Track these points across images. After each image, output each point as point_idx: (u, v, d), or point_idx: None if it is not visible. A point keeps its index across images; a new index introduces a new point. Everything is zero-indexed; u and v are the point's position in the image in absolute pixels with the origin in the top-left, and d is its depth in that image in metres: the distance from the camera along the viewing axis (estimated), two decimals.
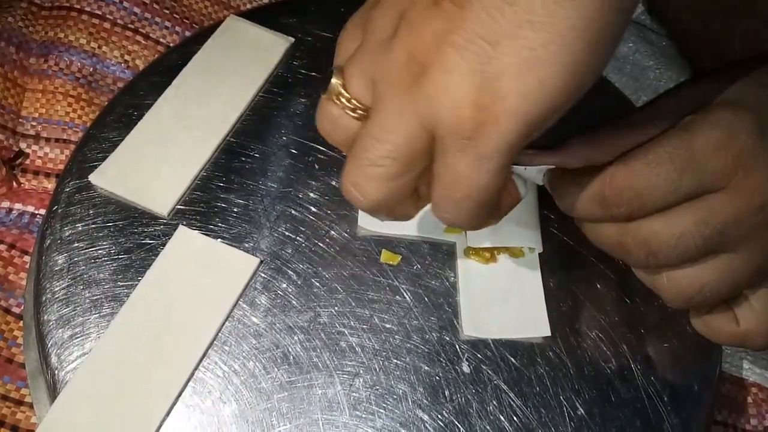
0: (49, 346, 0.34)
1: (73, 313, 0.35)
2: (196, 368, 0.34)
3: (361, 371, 0.34)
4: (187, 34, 0.49)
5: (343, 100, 0.26)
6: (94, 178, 0.38)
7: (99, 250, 0.36)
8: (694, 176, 0.29)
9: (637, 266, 0.33)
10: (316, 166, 0.40)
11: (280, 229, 0.38)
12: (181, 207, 0.38)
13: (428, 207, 0.39)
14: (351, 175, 0.26)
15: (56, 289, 0.35)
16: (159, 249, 0.36)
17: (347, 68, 0.26)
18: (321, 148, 0.41)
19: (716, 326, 0.34)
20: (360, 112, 0.26)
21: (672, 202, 0.29)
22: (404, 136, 0.25)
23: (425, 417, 0.34)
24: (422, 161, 0.26)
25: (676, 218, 0.30)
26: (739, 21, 0.43)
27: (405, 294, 0.37)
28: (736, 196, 0.29)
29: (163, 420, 0.32)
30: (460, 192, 0.25)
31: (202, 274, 0.36)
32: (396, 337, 0.35)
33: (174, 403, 0.33)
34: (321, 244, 0.38)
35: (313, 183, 0.39)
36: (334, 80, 0.26)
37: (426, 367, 0.35)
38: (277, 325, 0.35)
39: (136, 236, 0.37)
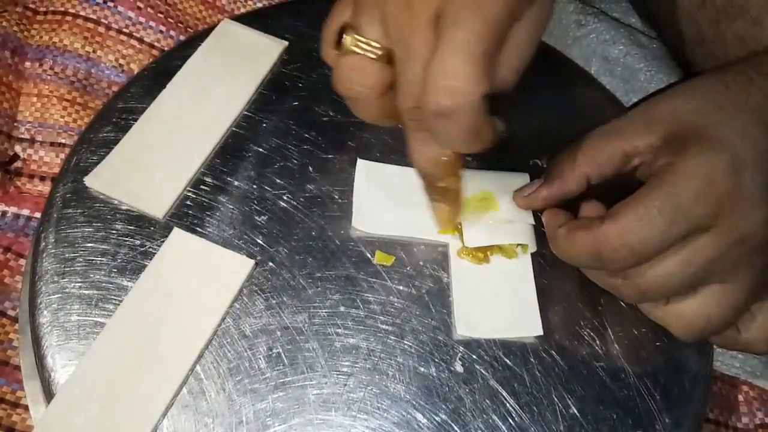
0: (44, 348, 0.34)
1: (68, 315, 0.35)
2: (191, 369, 0.34)
3: (356, 371, 0.35)
4: (182, 38, 0.49)
5: (363, 45, 0.29)
6: (89, 181, 0.38)
7: (94, 252, 0.36)
8: (682, 225, 0.31)
9: (632, 303, 0.37)
10: (310, 169, 0.40)
11: (274, 231, 0.38)
12: (176, 209, 0.38)
13: (419, 209, 0.40)
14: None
15: (51, 292, 0.35)
16: (154, 251, 0.37)
17: (356, 21, 0.29)
18: (315, 150, 0.41)
19: (721, 335, 0.36)
20: (380, 53, 0.29)
21: (662, 250, 0.32)
22: None
23: (419, 416, 0.34)
24: None
25: (663, 262, 0.32)
26: (730, 22, 0.43)
27: (399, 295, 0.37)
28: (718, 235, 0.31)
29: (159, 421, 0.32)
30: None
31: (198, 276, 0.36)
32: (390, 337, 0.36)
33: (169, 405, 0.33)
34: (315, 246, 0.38)
35: (308, 185, 0.40)
36: (348, 36, 0.29)
37: (420, 367, 0.35)
38: (272, 326, 0.35)
39: (132, 239, 0.37)
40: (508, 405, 0.35)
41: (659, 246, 0.31)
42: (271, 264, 0.37)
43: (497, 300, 0.37)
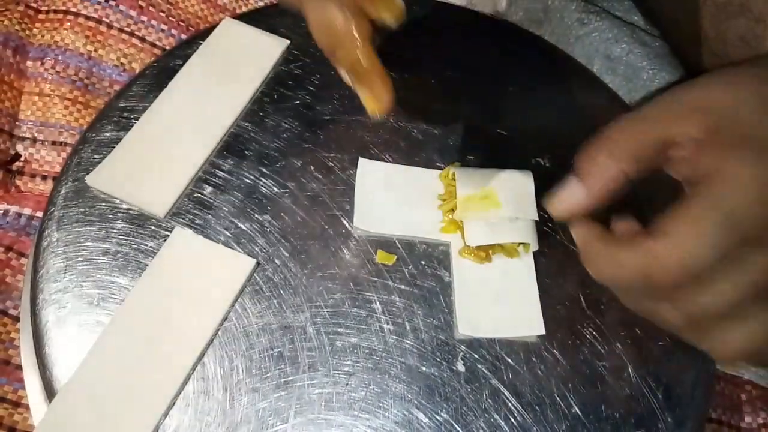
0: (46, 347, 0.34)
1: (69, 314, 0.35)
2: (193, 369, 0.34)
3: (357, 371, 0.35)
4: (183, 37, 0.49)
5: None
6: (90, 179, 0.38)
7: (96, 251, 0.36)
8: (737, 239, 0.27)
9: (678, 332, 0.32)
10: (312, 167, 0.40)
11: (276, 230, 0.38)
12: (178, 208, 0.38)
13: (421, 208, 0.40)
14: None
15: (53, 291, 0.35)
16: (155, 250, 0.37)
17: None
18: (316, 149, 0.41)
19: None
20: None
21: (717, 269, 0.28)
22: None
23: (421, 416, 0.34)
24: None
25: (716, 282, 0.28)
26: (732, 20, 0.43)
27: (400, 294, 0.37)
28: None
29: (161, 420, 0.32)
30: None
31: (199, 275, 0.36)
32: (392, 336, 0.36)
33: (171, 404, 0.33)
34: (317, 245, 0.38)
35: (309, 184, 0.40)
36: None
37: (422, 367, 0.35)
38: (274, 325, 0.35)
39: (133, 237, 0.37)
40: (510, 404, 0.34)
41: (715, 264, 0.28)
42: (272, 263, 0.37)
43: (499, 299, 0.37)
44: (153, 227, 0.37)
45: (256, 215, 0.38)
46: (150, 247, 0.37)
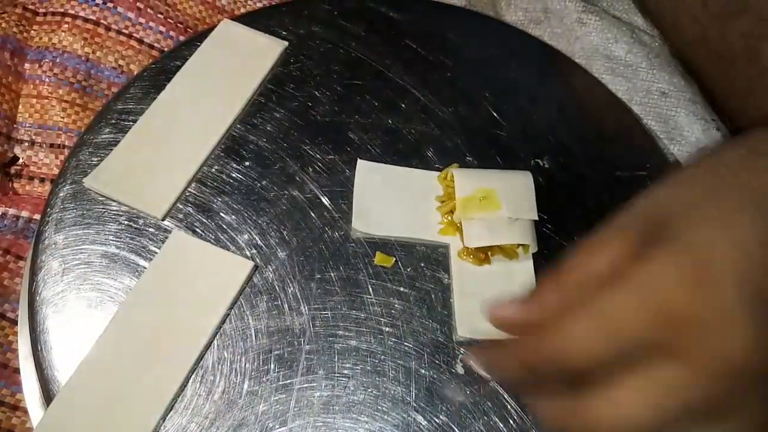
0: (43, 350, 0.34)
1: (67, 317, 0.35)
2: (191, 371, 0.34)
3: (356, 373, 0.34)
4: (181, 38, 0.49)
5: None
6: (88, 181, 0.38)
7: (93, 254, 0.36)
8: (619, 344, 0.24)
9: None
10: (309, 170, 0.40)
11: (274, 232, 0.38)
12: (176, 210, 0.38)
13: (420, 210, 0.39)
14: None
15: (51, 294, 0.35)
16: (154, 252, 0.36)
17: None
18: (315, 150, 0.41)
19: None
20: None
21: (606, 371, 0.25)
22: None
23: (420, 419, 0.34)
24: None
25: (623, 399, 0.25)
26: (735, 19, 0.43)
27: (399, 296, 0.37)
28: (687, 366, 0.24)
29: (159, 422, 0.32)
30: None
31: (197, 278, 0.36)
32: (391, 339, 0.35)
33: (169, 407, 0.33)
34: (315, 247, 0.38)
35: (307, 186, 0.40)
36: None
37: (421, 369, 0.35)
38: (272, 327, 0.35)
39: (131, 239, 0.37)
40: (509, 406, 0.34)
41: (593, 365, 0.25)
42: (270, 265, 0.37)
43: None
44: (151, 229, 0.37)
45: (254, 217, 0.38)
46: (148, 249, 0.37)
